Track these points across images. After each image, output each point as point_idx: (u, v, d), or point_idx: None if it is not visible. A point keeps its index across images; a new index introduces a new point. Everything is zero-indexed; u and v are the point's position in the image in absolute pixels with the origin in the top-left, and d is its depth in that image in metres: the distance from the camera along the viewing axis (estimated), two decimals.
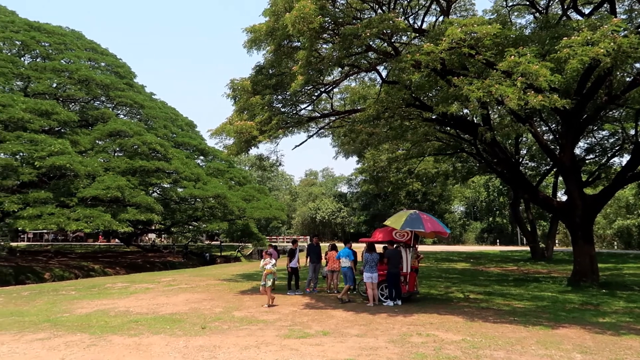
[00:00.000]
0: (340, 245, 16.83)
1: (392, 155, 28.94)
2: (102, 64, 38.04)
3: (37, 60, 34.17)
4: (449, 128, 22.92)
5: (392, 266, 12.80)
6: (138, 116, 38.85)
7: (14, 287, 21.24)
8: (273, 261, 12.52)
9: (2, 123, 25.83)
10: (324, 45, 16.69)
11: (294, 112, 18.96)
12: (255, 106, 17.08)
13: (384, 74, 19.98)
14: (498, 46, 12.21)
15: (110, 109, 36.40)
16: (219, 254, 46.36)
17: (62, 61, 33.81)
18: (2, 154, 25.39)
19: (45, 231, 52.82)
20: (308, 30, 12.93)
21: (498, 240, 64.79)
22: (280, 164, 20.01)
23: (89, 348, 8.35)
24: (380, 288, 13.25)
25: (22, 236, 58.54)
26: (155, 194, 35.39)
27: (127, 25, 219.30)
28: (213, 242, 59.17)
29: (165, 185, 35.28)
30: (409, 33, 16.94)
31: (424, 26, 19.32)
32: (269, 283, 12.38)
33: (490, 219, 70.51)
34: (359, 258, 14.88)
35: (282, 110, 18.27)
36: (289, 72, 16.80)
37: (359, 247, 18.00)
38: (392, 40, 16.64)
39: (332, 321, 10.56)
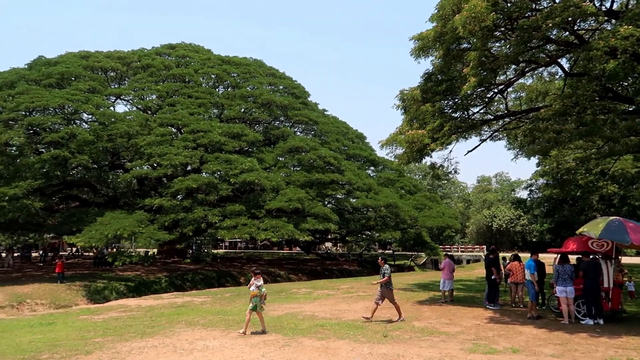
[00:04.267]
0: (524, 255, 15.61)
1: (582, 154, 25.82)
2: (281, 87, 41.61)
3: (228, 89, 38.95)
4: None
5: (589, 280, 11.37)
6: (312, 132, 41.47)
7: (218, 289, 24.35)
8: (259, 282, 10.55)
9: (204, 147, 30.01)
10: (496, 44, 15.80)
11: (466, 116, 18.26)
12: (425, 114, 16.90)
13: (566, 66, 18.08)
14: None
15: (289, 127, 39.54)
16: (392, 262, 46.65)
17: (247, 88, 37.95)
18: (204, 173, 29.42)
19: (238, 240, 59.47)
20: (480, 29, 12.40)
21: None
22: (456, 172, 19.37)
23: (283, 348, 9.11)
24: (577, 304, 11.85)
25: (220, 244, 66.74)
26: (330, 205, 37.16)
27: (299, 48, 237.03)
28: (386, 251, 59.85)
29: (340, 196, 36.81)
30: (597, 17, 15.05)
31: (614, 7, 16.99)
32: (251, 306, 10.49)
33: None
34: (549, 270, 13.58)
35: (454, 115, 17.74)
36: (458, 75, 16.27)
37: (546, 257, 16.43)
38: (575, 28, 14.98)
39: (521, 338, 9.79)
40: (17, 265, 32.19)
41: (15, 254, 36.85)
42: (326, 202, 35.82)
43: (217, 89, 39.38)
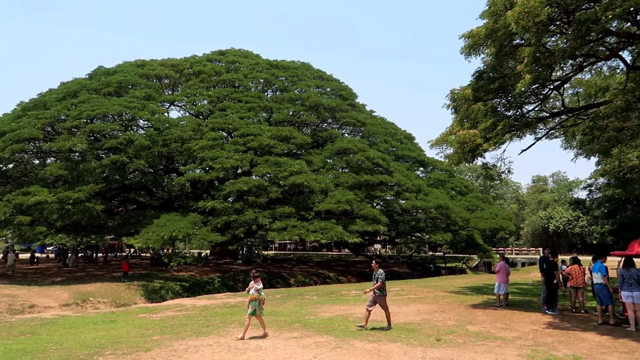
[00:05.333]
0: (584, 258, 14.93)
1: None
2: (328, 89, 41.70)
3: (277, 93, 39.55)
4: None
5: None
6: (360, 133, 41.34)
7: (268, 290, 24.63)
8: (258, 286, 10.42)
9: (254, 150, 30.61)
10: (551, 38, 15.22)
11: (520, 114, 17.68)
12: (477, 113, 16.49)
13: (628, 59, 17.14)
14: None
15: (336, 129, 39.63)
16: (443, 265, 45.79)
17: (295, 91, 38.38)
18: (254, 176, 29.99)
19: (288, 241, 60.14)
20: (534, 24, 11.98)
21: None
22: (509, 172, 18.77)
23: (335, 350, 9.13)
24: None
25: (270, 246, 67.74)
26: (379, 206, 36.92)
27: (345, 48, 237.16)
28: (436, 253, 58.82)
29: (388, 198, 36.46)
30: None
31: None
32: (250, 310, 10.31)
33: None
34: (612, 274, 12.90)
35: (507, 114, 17.22)
36: (512, 72, 15.81)
37: (609, 260, 15.63)
38: (638, 19, 14.19)
39: (584, 345, 9.36)
40: (80, 265, 33.99)
41: (80, 254, 38.85)
42: (375, 204, 35.61)
43: (266, 93, 40.08)
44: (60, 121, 28.47)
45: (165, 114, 34.37)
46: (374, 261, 11.64)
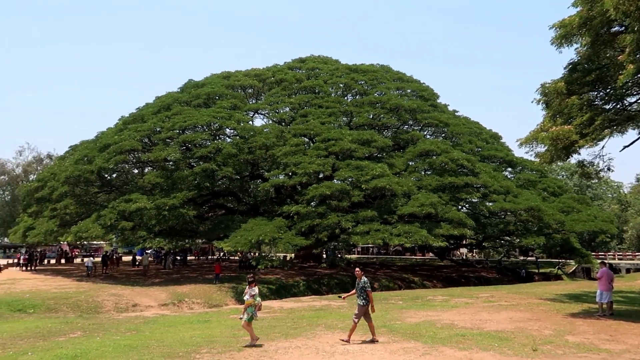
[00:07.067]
0: None
1: None
2: (408, 90, 41.05)
3: (357, 97, 39.60)
4: None
5: None
6: (443, 134, 40.18)
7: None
8: (253, 291, 10.06)
9: (335, 154, 30.87)
10: None
11: (621, 107, 16.33)
12: (571, 108, 15.47)
13: None
14: None
15: (418, 131, 38.81)
16: (536, 270, 43.24)
17: (375, 94, 38.19)
18: (336, 180, 30.24)
19: (370, 245, 59.88)
20: (636, 9, 11.03)
21: None
22: (609, 170, 17.37)
23: (423, 356, 8.95)
24: None
25: (353, 250, 67.77)
26: (464, 209, 35.64)
27: (426, 49, 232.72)
28: (528, 258, 55.63)
29: (475, 200, 35.09)
30: None
31: None
32: (246, 317, 10.01)
33: None
34: None
35: (606, 107, 15.98)
36: (610, 63, 14.67)
37: None
38: None
39: None
40: (175, 268, 36.19)
41: (177, 257, 41.27)
42: (460, 207, 34.43)
43: (345, 97, 40.28)
44: (156, 133, 30.58)
45: (250, 122, 35.72)
46: (357, 268, 10.95)
